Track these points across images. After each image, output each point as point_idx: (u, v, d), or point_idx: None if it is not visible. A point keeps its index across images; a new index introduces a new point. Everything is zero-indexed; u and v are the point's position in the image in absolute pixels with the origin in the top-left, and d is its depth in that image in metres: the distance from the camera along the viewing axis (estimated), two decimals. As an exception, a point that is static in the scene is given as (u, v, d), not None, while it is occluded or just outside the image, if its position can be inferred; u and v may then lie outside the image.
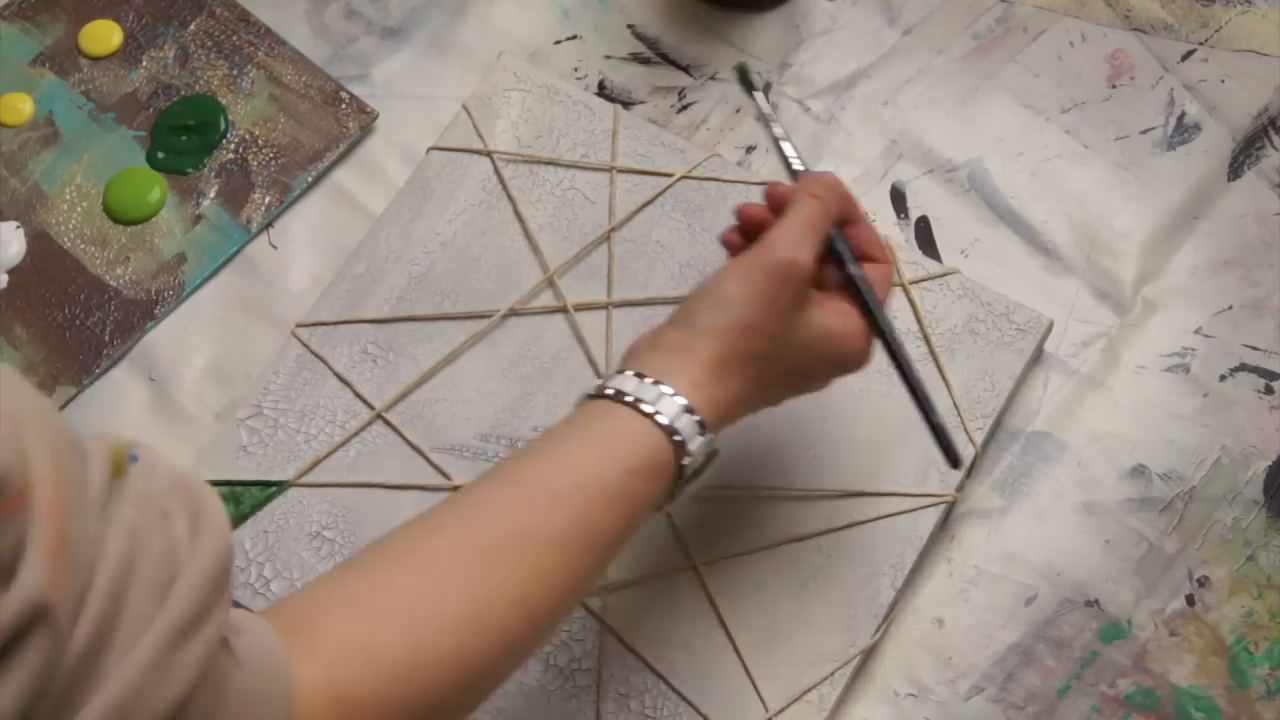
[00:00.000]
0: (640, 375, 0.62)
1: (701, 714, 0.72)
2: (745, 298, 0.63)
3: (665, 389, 0.61)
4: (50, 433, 0.42)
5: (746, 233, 0.67)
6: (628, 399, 0.61)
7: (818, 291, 0.66)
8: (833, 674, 0.72)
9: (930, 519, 0.75)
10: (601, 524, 0.59)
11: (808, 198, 0.66)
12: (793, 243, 0.64)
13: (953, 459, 0.66)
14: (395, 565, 0.56)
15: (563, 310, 0.81)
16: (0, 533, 0.39)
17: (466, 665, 0.54)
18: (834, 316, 0.66)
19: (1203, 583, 0.75)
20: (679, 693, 0.73)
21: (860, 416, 0.78)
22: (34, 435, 0.41)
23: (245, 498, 0.78)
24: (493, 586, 0.56)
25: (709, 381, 0.62)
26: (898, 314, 0.79)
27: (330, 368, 0.81)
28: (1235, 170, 0.85)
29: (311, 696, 0.50)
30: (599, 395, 0.62)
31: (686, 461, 0.61)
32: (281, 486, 0.78)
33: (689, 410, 0.61)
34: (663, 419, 0.60)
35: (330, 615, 0.53)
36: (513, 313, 0.82)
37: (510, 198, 0.84)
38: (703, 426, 0.61)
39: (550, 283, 0.82)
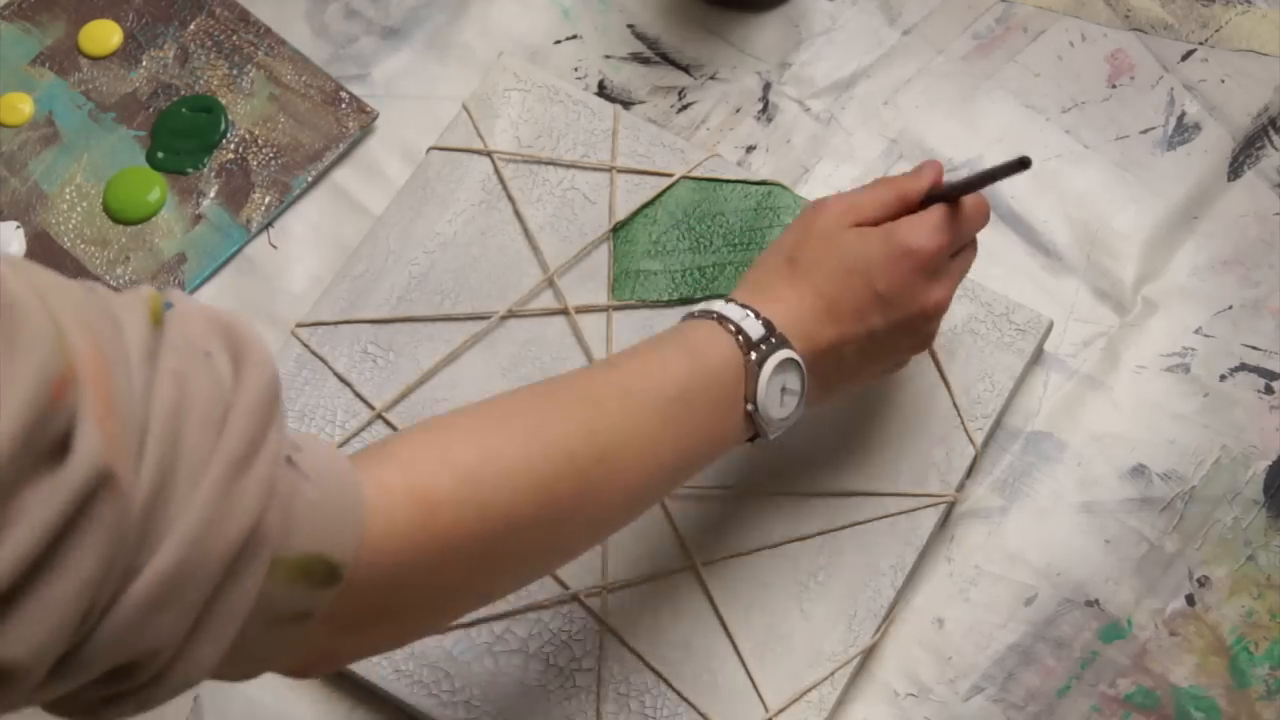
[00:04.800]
0: (730, 301, 0.67)
1: (701, 714, 0.72)
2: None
3: (750, 312, 0.65)
4: (79, 305, 0.43)
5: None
6: (714, 315, 0.66)
7: None
8: (833, 674, 0.72)
9: (930, 519, 0.75)
10: (674, 412, 0.62)
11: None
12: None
13: (1022, 162, 0.66)
14: (464, 408, 0.60)
15: (563, 312, 0.81)
16: (53, 416, 0.40)
17: (535, 478, 0.57)
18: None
19: (1203, 583, 0.75)
20: (679, 693, 0.73)
21: (860, 417, 0.78)
22: (65, 313, 0.42)
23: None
24: (558, 415, 0.60)
25: (803, 314, 0.67)
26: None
27: (330, 368, 0.81)
28: (1235, 170, 0.85)
29: (390, 496, 0.52)
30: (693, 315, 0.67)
31: (764, 367, 0.64)
32: (281, 486, 0.78)
33: (768, 326, 0.65)
34: (740, 330, 0.65)
35: (407, 435, 0.57)
36: (513, 313, 0.82)
37: (510, 198, 0.84)
38: (780, 341, 0.65)
39: (550, 283, 0.82)
